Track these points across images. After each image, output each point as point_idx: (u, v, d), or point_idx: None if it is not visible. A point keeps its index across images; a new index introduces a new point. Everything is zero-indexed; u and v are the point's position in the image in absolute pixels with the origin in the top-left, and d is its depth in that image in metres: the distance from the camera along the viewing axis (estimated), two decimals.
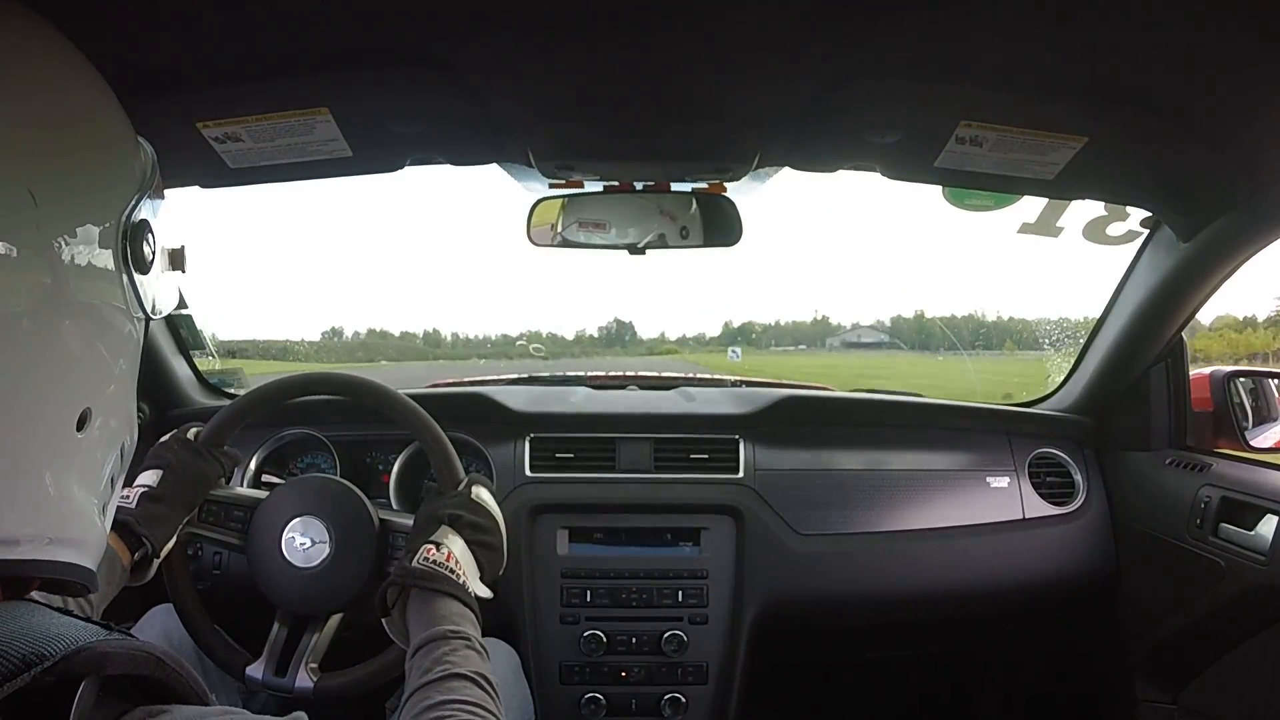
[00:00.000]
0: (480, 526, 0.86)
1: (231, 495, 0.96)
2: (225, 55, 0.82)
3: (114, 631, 0.38)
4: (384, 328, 12.44)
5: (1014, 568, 1.31)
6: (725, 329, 9.11)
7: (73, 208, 0.40)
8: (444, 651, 0.67)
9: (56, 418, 0.40)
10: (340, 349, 8.30)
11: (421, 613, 0.74)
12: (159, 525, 0.84)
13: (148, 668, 0.38)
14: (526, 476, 1.29)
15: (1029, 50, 0.81)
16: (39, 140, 0.39)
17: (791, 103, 0.91)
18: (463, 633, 0.70)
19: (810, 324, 10.64)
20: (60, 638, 0.35)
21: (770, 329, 10.86)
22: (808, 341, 10.62)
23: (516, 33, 0.78)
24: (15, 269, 0.36)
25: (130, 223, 0.44)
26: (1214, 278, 1.15)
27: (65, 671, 0.34)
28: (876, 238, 7.36)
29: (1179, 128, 0.91)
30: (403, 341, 9.73)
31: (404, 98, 0.90)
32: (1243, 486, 1.12)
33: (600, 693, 1.20)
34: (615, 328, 5.62)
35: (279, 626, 0.95)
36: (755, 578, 1.24)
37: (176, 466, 0.88)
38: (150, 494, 0.85)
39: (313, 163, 1.00)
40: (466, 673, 0.65)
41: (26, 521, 0.40)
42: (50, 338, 0.39)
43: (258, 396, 0.97)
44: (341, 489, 0.97)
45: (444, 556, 0.79)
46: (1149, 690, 1.29)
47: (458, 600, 0.76)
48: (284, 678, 0.92)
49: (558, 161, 1.05)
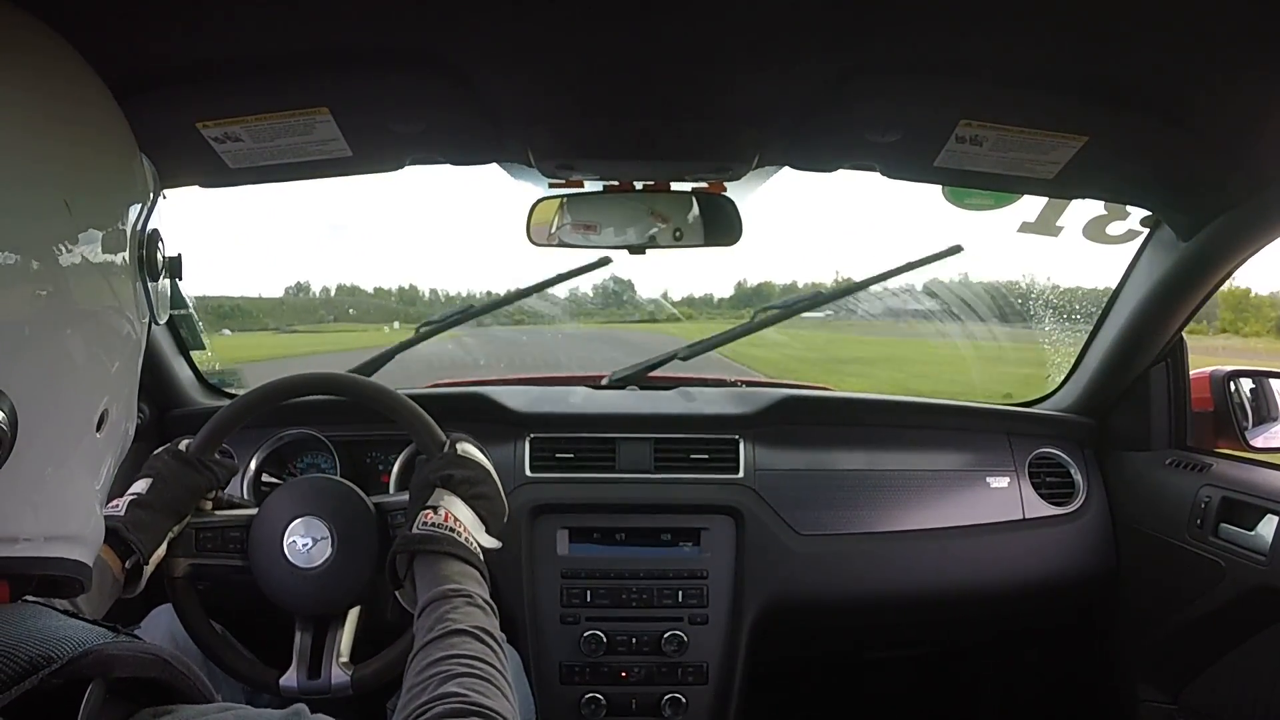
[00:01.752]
0: (473, 480, 0.86)
1: (223, 519, 0.96)
2: (225, 55, 0.82)
3: (120, 634, 0.39)
4: (355, 283, 11.96)
5: (1014, 568, 1.31)
6: (739, 289, 8.40)
7: (100, 217, 0.42)
8: (445, 610, 0.68)
9: (82, 421, 0.42)
10: (302, 307, 7.84)
11: (425, 576, 0.75)
12: (146, 531, 0.84)
13: (154, 670, 0.38)
14: (526, 476, 1.29)
15: (1029, 49, 0.81)
16: (67, 151, 0.41)
17: (791, 102, 0.91)
18: (464, 590, 0.71)
19: (831, 286, 9.64)
20: (67, 640, 0.35)
21: (788, 291, 10.07)
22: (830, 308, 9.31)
23: (516, 32, 0.78)
24: (51, 278, 0.38)
25: (145, 232, 0.47)
26: (1214, 277, 1.15)
27: (72, 674, 0.34)
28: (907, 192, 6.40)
29: (1179, 127, 0.91)
30: (376, 299, 9.33)
31: (404, 98, 0.90)
32: (1243, 486, 1.12)
33: (600, 693, 1.20)
34: (613, 286, 5.35)
35: (301, 633, 0.95)
36: (755, 578, 1.24)
37: (165, 475, 0.89)
38: (138, 501, 0.85)
39: (313, 163, 1.00)
40: (466, 628, 0.65)
41: (34, 520, 0.40)
42: (79, 344, 0.41)
43: (244, 404, 0.96)
44: (329, 483, 0.97)
45: (443, 518, 0.80)
46: (1149, 690, 1.28)
47: (459, 559, 0.76)
48: (318, 679, 0.92)
49: (557, 161, 1.04)
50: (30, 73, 0.40)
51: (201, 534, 0.94)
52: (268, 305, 6.63)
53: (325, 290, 8.64)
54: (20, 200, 0.37)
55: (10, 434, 0.37)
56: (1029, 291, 2.17)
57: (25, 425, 0.37)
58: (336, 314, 8.54)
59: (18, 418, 0.37)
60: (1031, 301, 2.07)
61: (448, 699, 0.55)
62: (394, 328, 6.63)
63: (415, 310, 8.85)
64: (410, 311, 8.83)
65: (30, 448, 0.38)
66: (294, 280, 12.13)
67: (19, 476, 0.38)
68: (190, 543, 0.93)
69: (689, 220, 1.19)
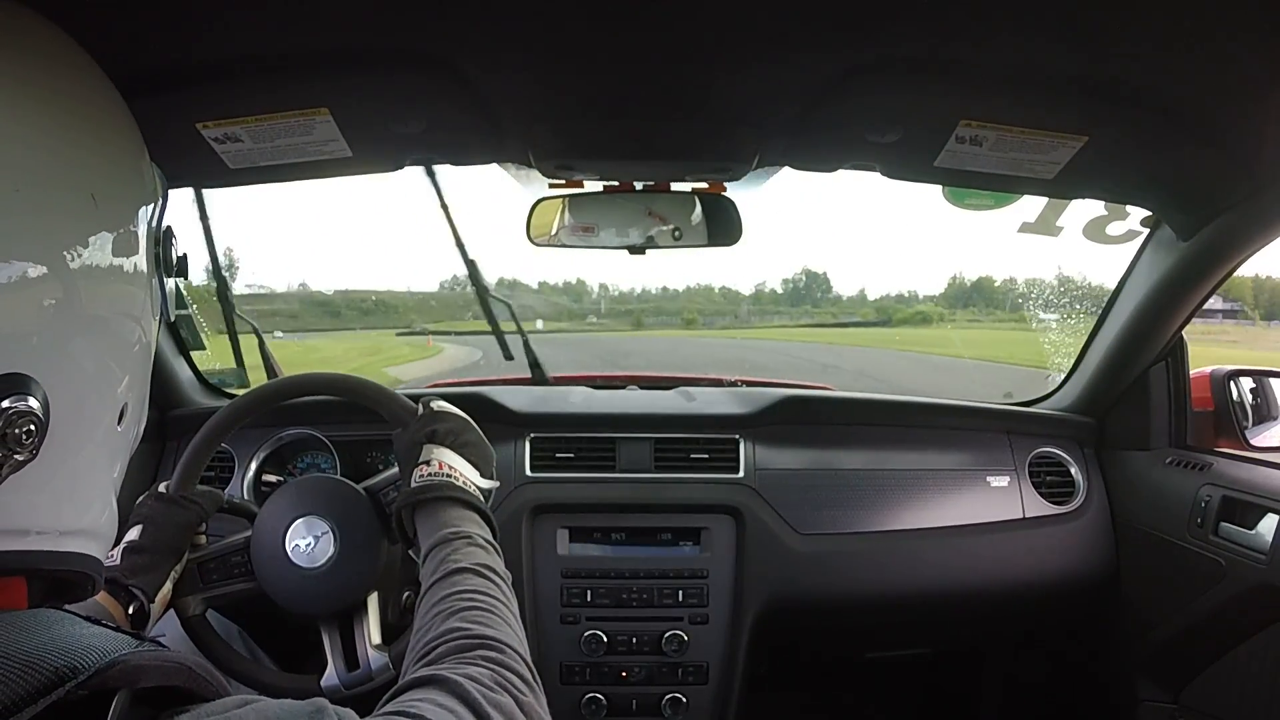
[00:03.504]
0: (455, 430, 0.86)
1: (221, 547, 0.95)
2: (225, 55, 0.82)
3: (144, 642, 0.38)
4: (516, 278, 11.23)
5: (1014, 567, 1.31)
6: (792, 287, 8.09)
7: (122, 214, 0.44)
8: (447, 552, 0.68)
9: (106, 412, 0.44)
10: (454, 302, 7.21)
11: (426, 524, 0.75)
12: (147, 574, 0.85)
13: (179, 678, 0.38)
14: (527, 476, 1.29)
15: (1029, 50, 0.81)
16: (91, 150, 0.42)
17: (791, 102, 0.91)
18: (464, 532, 0.71)
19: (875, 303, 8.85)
20: (92, 649, 0.35)
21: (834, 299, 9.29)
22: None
23: (516, 32, 0.78)
24: (77, 273, 0.39)
25: (160, 229, 0.48)
26: (1214, 277, 1.15)
27: (99, 685, 0.34)
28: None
29: (1179, 127, 0.91)
30: (541, 294, 8.88)
31: (404, 98, 0.90)
32: (1243, 486, 1.12)
33: (601, 693, 1.20)
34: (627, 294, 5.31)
35: (328, 632, 0.94)
36: (756, 577, 1.24)
37: (154, 517, 0.89)
38: (132, 547, 0.86)
39: (313, 163, 1.00)
40: (467, 565, 0.65)
41: (53, 514, 0.41)
42: (103, 337, 0.42)
43: (209, 432, 0.95)
44: (318, 481, 0.97)
45: (436, 468, 0.81)
46: (1149, 690, 1.29)
47: (458, 502, 0.77)
48: (358, 670, 0.92)
49: (557, 161, 1.05)
50: (45, 74, 0.40)
51: (204, 567, 0.94)
52: (415, 301, 6.34)
53: (502, 281, 8.05)
54: (47, 199, 0.38)
55: (45, 422, 0.38)
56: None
57: (56, 414, 0.38)
58: (337, 313, 8.40)
59: (50, 407, 0.38)
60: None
61: (451, 634, 0.55)
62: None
63: (581, 307, 8.34)
64: (576, 309, 8.26)
65: (59, 438, 0.39)
66: (449, 274, 11.62)
67: (45, 467, 0.39)
68: (195, 580, 0.93)
69: (689, 221, 1.19)
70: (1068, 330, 1.69)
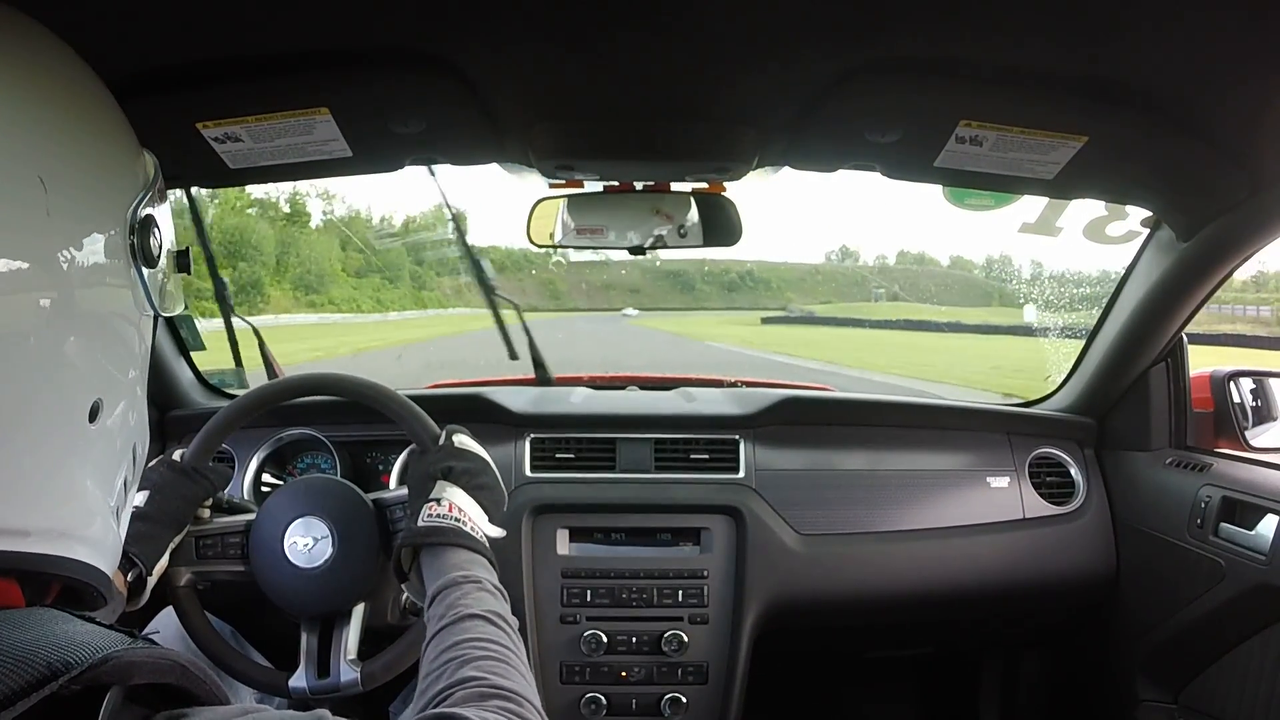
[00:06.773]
0: (473, 471, 0.86)
1: (222, 525, 0.96)
2: (225, 55, 0.82)
3: (137, 639, 0.38)
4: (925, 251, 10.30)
5: (1014, 568, 1.31)
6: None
7: (83, 202, 0.42)
8: (456, 596, 0.68)
9: (71, 409, 0.41)
10: (848, 277, 6.78)
11: (432, 566, 0.75)
12: (148, 543, 0.85)
13: (172, 676, 0.38)
14: (526, 476, 1.29)
15: (1029, 50, 0.81)
16: (48, 136, 0.40)
17: (791, 102, 0.91)
18: (473, 576, 0.71)
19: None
20: (84, 645, 0.35)
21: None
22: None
23: (516, 32, 0.78)
24: (43, 272, 0.38)
25: (137, 218, 0.46)
26: (1214, 277, 1.15)
27: (91, 681, 0.34)
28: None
29: (1179, 127, 0.91)
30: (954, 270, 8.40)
31: (404, 98, 0.90)
32: (1243, 486, 1.12)
33: (600, 693, 1.20)
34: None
35: (307, 634, 0.95)
36: (755, 578, 1.24)
37: (162, 486, 0.89)
38: (136, 513, 0.85)
39: (313, 163, 1.00)
40: (478, 612, 0.66)
41: (38, 512, 0.40)
42: (65, 331, 0.40)
43: (236, 410, 0.96)
44: (325, 482, 0.97)
45: (446, 509, 0.80)
46: (1149, 690, 1.29)
47: (466, 549, 0.77)
48: (328, 678, 0.92)
49: (557, 161, 1.04)
50: (21, 69, 0.39)
51: (201, 542, 0.94)
52: (805, 272, 5.97)
53: (881, 259, 7.50)
54: (11, 192, 0.37)
55: None
56: None
57: (5, 411, 0.37)
58: (902, 286, 7.87)
59: None
60: None
61: (467, 683, 0.55)
62: None
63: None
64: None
65: (13, 436, 0.38)
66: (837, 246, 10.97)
67: (7, 466, 0.38)
68: (190, 551, 0.93)
69: (689, 221, 1.19)
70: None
